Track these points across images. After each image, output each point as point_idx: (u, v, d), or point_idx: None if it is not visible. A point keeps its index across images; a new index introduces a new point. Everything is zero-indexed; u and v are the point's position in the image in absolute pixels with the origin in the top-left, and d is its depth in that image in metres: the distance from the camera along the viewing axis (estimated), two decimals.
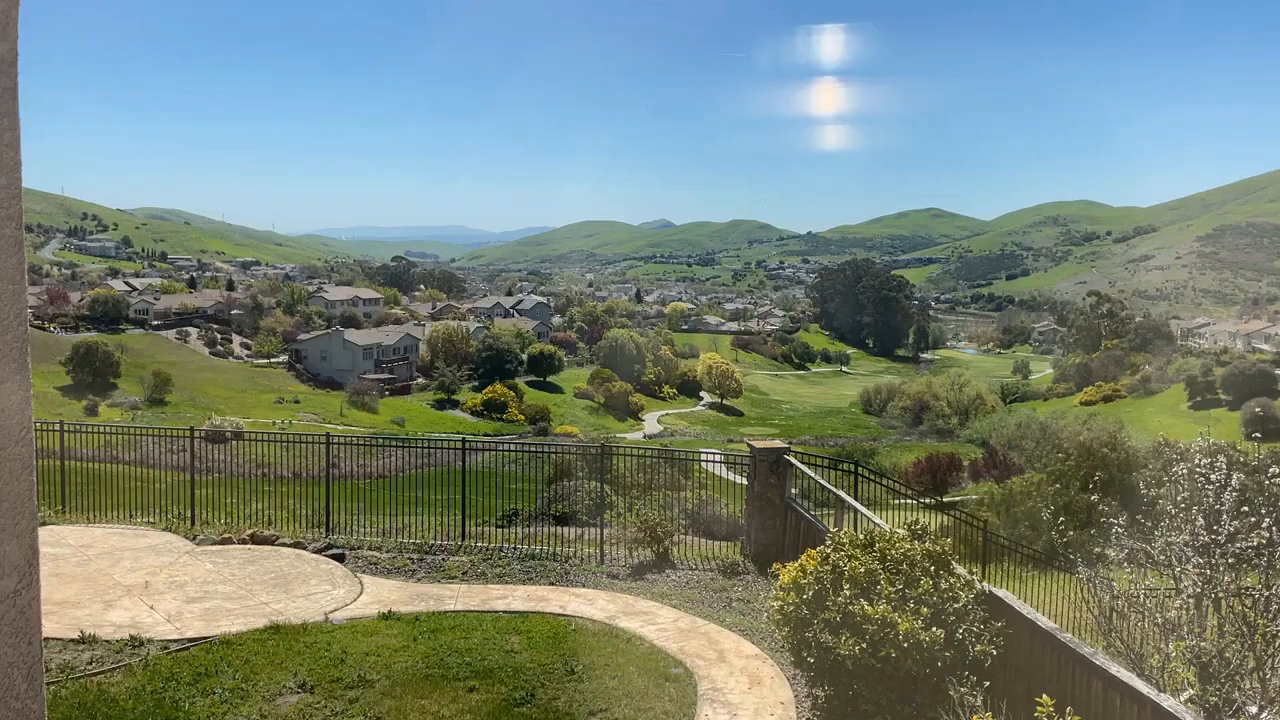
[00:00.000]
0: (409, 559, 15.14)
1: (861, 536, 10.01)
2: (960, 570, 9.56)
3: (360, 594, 13.35)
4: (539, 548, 16.02)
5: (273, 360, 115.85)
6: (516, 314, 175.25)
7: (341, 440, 18.10)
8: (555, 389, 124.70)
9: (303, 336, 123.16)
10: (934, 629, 8.56)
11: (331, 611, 12.47)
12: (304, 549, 15.19)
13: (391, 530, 16.54)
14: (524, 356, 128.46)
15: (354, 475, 19.17)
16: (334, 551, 15.09)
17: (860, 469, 17.39)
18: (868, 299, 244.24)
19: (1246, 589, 8.95)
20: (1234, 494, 9.13)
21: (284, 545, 15.35)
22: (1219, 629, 8.87)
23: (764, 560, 14.53)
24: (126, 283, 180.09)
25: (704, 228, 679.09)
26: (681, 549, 16.14)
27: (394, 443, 20.55)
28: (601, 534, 15.94)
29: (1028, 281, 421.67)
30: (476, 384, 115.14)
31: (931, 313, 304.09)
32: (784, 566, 10.18)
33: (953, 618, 8.76)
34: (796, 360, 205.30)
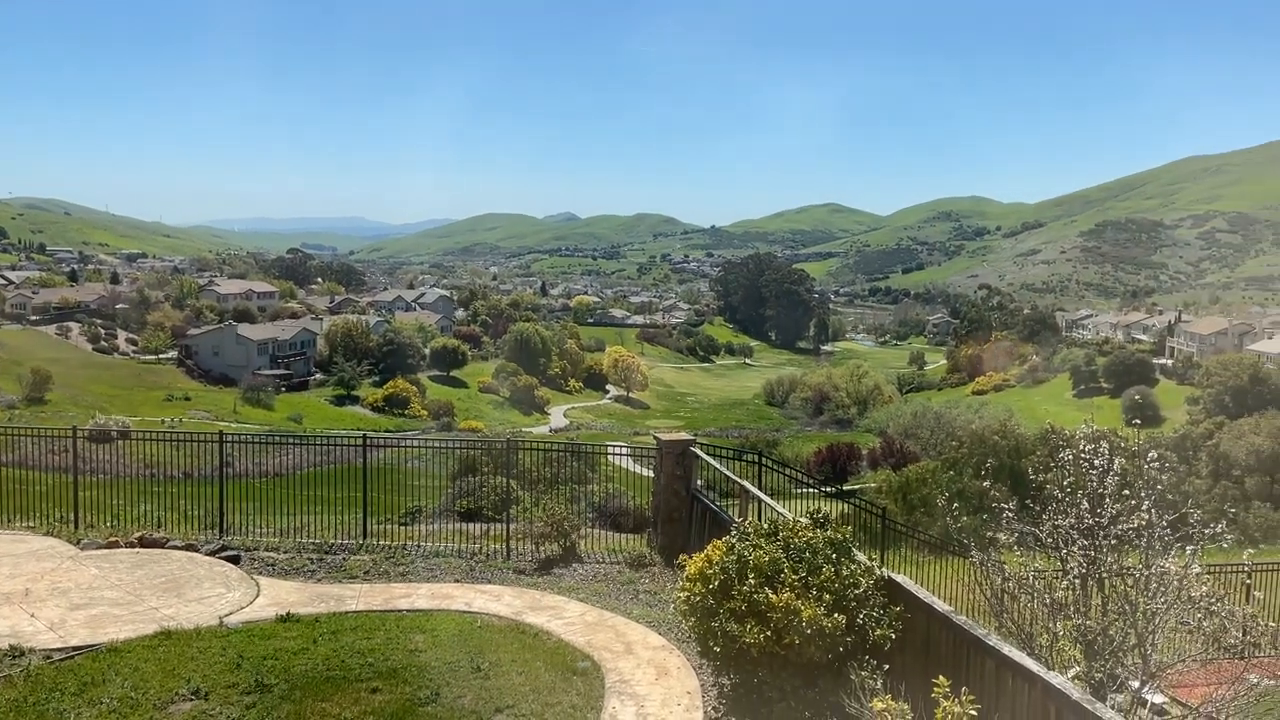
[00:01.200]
0: (308, 559, 14.75)
1: (766, 526, 10.15)
2: (861, 557, 9.77)
3: (257, 596, 12.95)
4: (444, 545, 15.80)
5: (161, 357, 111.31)
6: (419, 307, 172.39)
7: (236, 438, 17.51)
8: (459, 384, 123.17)
9: (193, 331, 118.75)
10: (836, 615, 8.73)
11: (226, 615, 12.07)
12: (197, 551, 14.66)
13: (290, 530, 16.08)
14: (427, 351, 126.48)
15: (249, 474, 18.57)
16: (229, 553, 14.61)
17: (764, 459, 17.63)
18: (770, 292, 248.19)
19: (1128, 569, 9.37)
20: (1116, 478, 9.55)
21: (175, 548, 14.79)
22: (1103, 608, 9.28)
23: (671, 552, 14.62)
24: (1, 275, 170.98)
25: (609, 221, 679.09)
26: (589, 542, 16.12)
27: (291, 440, 20.01)
28: (508, 529, 15.81)
29: (922, 275, 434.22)
30: (377, 379, 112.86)
31: (831, 306, 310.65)
32: (690, 557, 10.26)
33: (854, 603, 8.95)
34: (701, 353, 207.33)
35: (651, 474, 16.75)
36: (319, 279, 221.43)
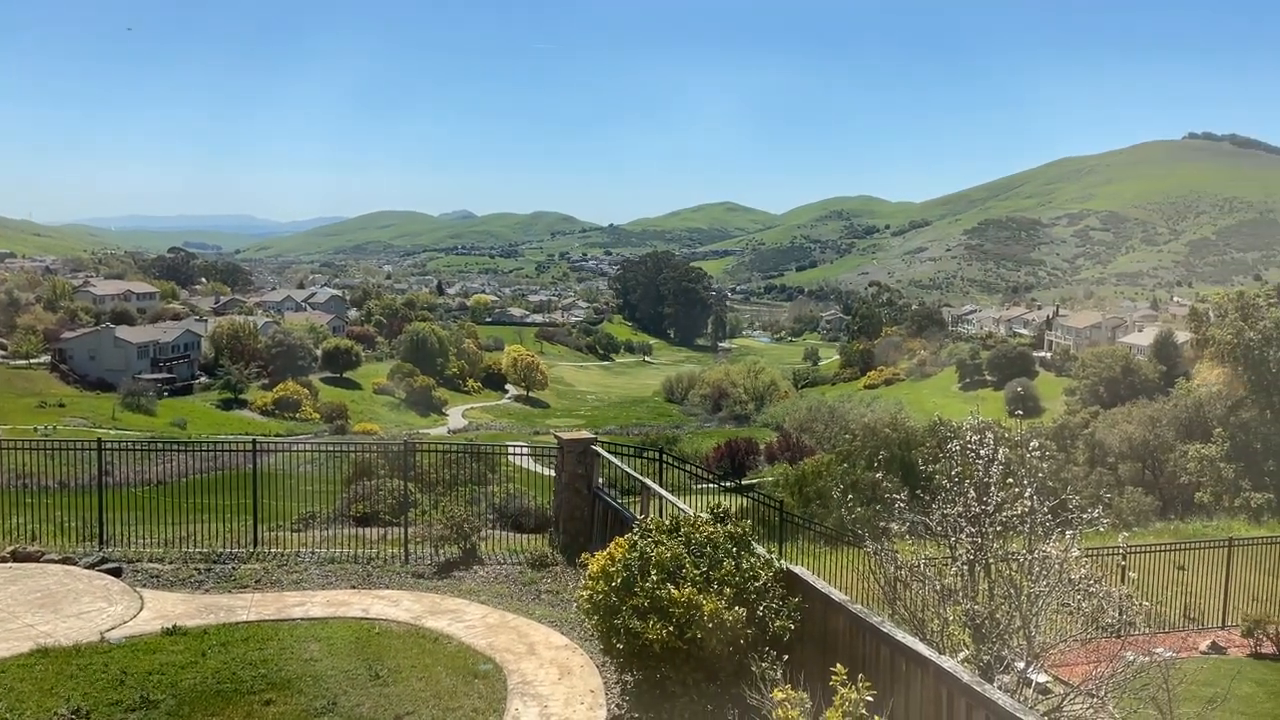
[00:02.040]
0: (195, 569, 14.21)
1: (668, 522, 10.21)
2: (760, 550, 9.91)
3: (141, 610, 12.41)
4: (339, 550, 15.42)
5: (33, 361, 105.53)
6: (309, 308, 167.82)
7: (115, 445, 16.74)
8: (353, 385, 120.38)
9: (67, 334, 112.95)
10: (737, 608, 8.84)
11: (108, 630, 11.53)
12: (74, 564, 13.96)
13: (175, 540, 15.46)
14: (318, 352, 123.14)
15: (130, 483, 17.77)
16: (109, 566, 13.96)
17: (664, 456, 17.75)
18: (668, 290, 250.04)
19: (1013, 554, 9.76)
20: (1000, 467, 9.93)
21: (51, 561, 14.05)
22: (990, 592, 9.64)
23: (573, 550, 14.59)
24: None
25: (507, 219, 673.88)
26: (489, 544, 15.96)
27: (175, 446, 19.21)
28: (406, 533, 15.53)
29: (816, 272, 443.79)
30: (266, 382, 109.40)
31: (728, 303, 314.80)
32: (593, 556, 10.25)
33: (754, 596, 9.08)
34: (601, 351, 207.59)
35: (553, 473, 16.68)
36: (203, 279, 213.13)
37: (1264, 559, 18.63)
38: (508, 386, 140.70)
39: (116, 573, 13.78)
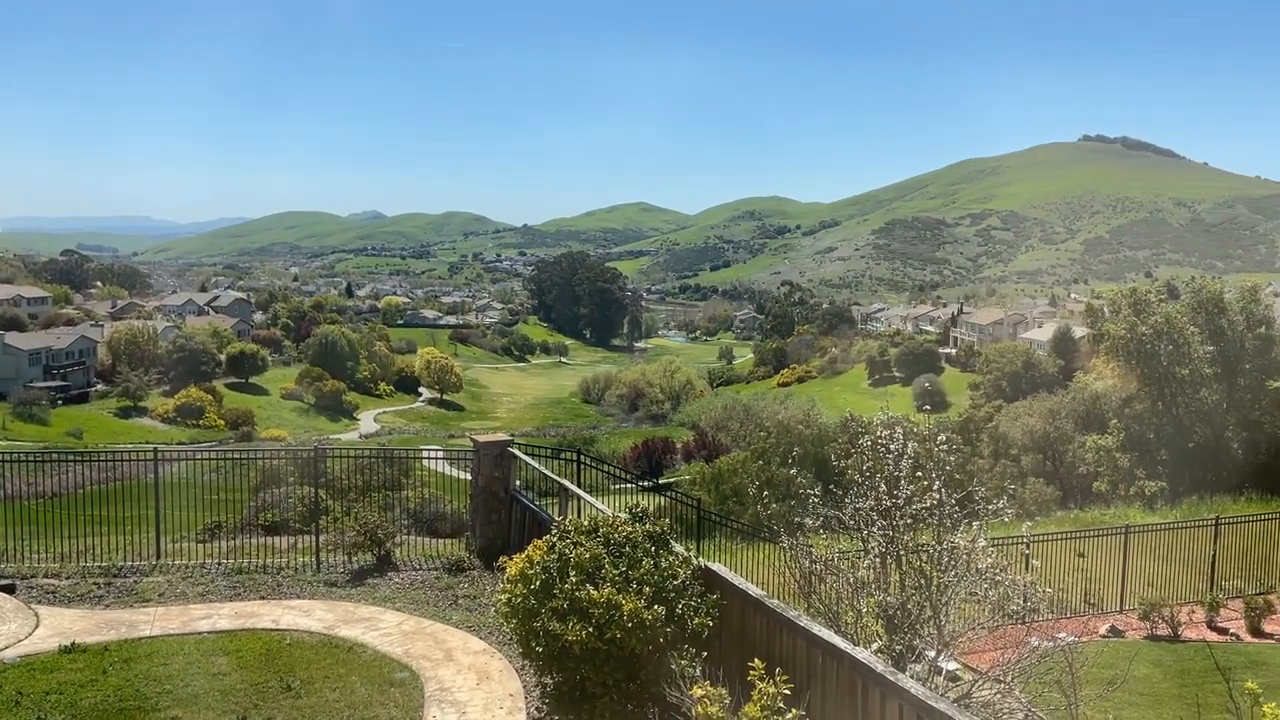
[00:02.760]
0: (94, 584, 13.64)
1: (586, 523, 10.19)
2: (678, 548, 9.97)
3: (36, 627, 11.86)
4: (247, 561, 14.99)
5: None
6: (212, 311, 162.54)
7: (6, 457, 15.97)
8: (260, 391, 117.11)
9: None
10: (656, 607, 8.87)
11: (2, 650, 11.00)
12: None
13: (72, 554, 14.82)
14: (222, 357, 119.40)
15: (23, 496, 16.98)
16: (2, 583, 13.31)
17: (582, 457, 17.71)
18: (584, 290, 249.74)
19: (923, 546, 10.01)
20: (909, 461, 10.18)
21: None
22: (901, 584, 9.86)
23: (491, 554, 14.45)
24: None
25: (418, 219, 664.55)
26: (404, 550, 15.71)
27: (70, 457, 18.41)
28: (317, 541, 15.17)
29: (729, 272, 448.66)
30: (168, 389, 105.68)
31: (644, 303, 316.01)
32: (511, 559, 10.17)
33: (673, 594, 9.13)
34: (516, 352, 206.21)
35: (469, 477, 16.49)
36: (98, 282, 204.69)
37: (1158, 545, 19.48)
38: (421, 390, 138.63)
39: (9, 590, 13.15)
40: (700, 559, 9.93)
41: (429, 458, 20.35)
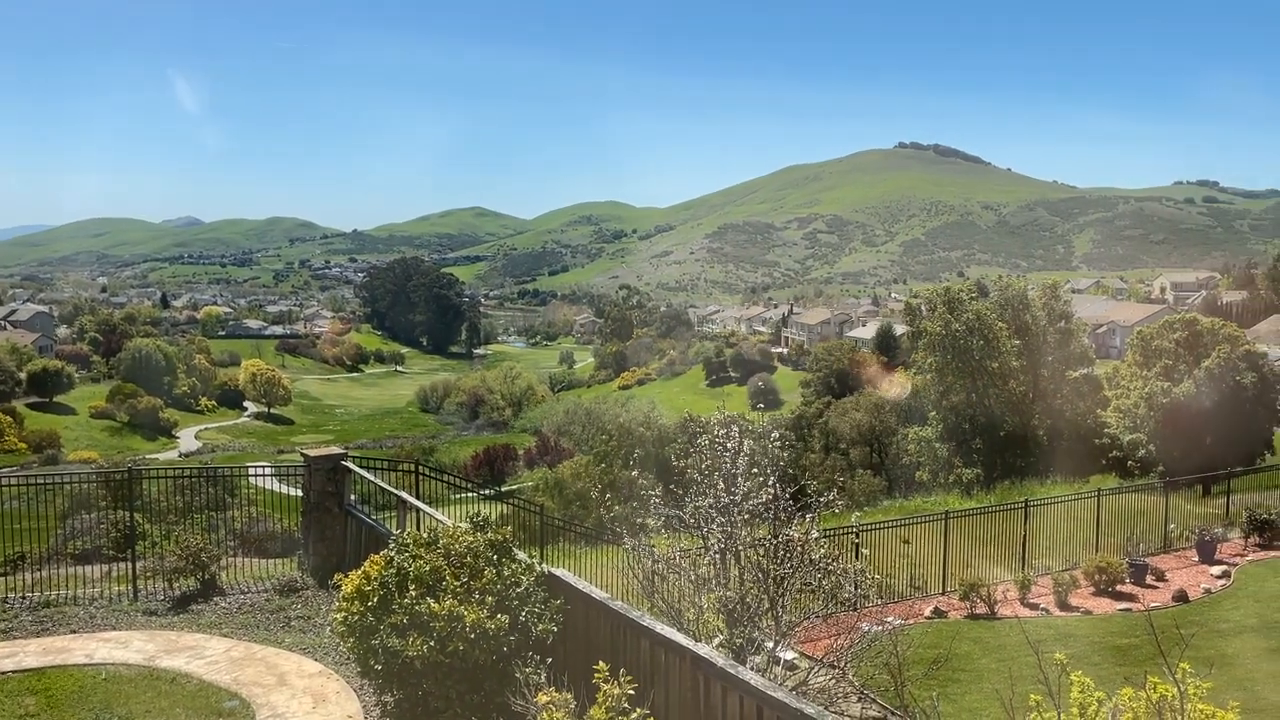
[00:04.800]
0: None
1: (425, 535, 9.97)
2: (521, 555, 9.89)
3: None
4: (56, 593, 13.89)
5: None
6: (10, 326, 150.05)
7: None
8: (66, 410, 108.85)
9: None
10: (499, 616, 8.76)
11: None
12: None
13: None
14: (22, 375, 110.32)
15: None
16: None
17: (421, 468, 17.34)
18: (419, 297, 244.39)
19: (760, 540, 10.29)
20: (746, 459, 10.45)
21: None
22: (740, 578, 10.11)
23: (325, 573, 13.92)
24: None
25: (238, 225, 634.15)
26: (231, 573, 14.94)
27: None
28: (133, 568, 14.23)
29: (568, 277, 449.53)
30: None
31: (482, 309, 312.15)
32: (347, 576, 9.83)
33: (516, 602, 9.03)
34: (349, 362, 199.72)
35: (300, 493, 15.84)
36: None
37: (975, 528, 20.72)
38: (247, 404, 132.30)
39: None
40: (544, 565, 9.87)
41: (256, 475, 19.43)
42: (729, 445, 10.45)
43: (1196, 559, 21.41)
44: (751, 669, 8.34)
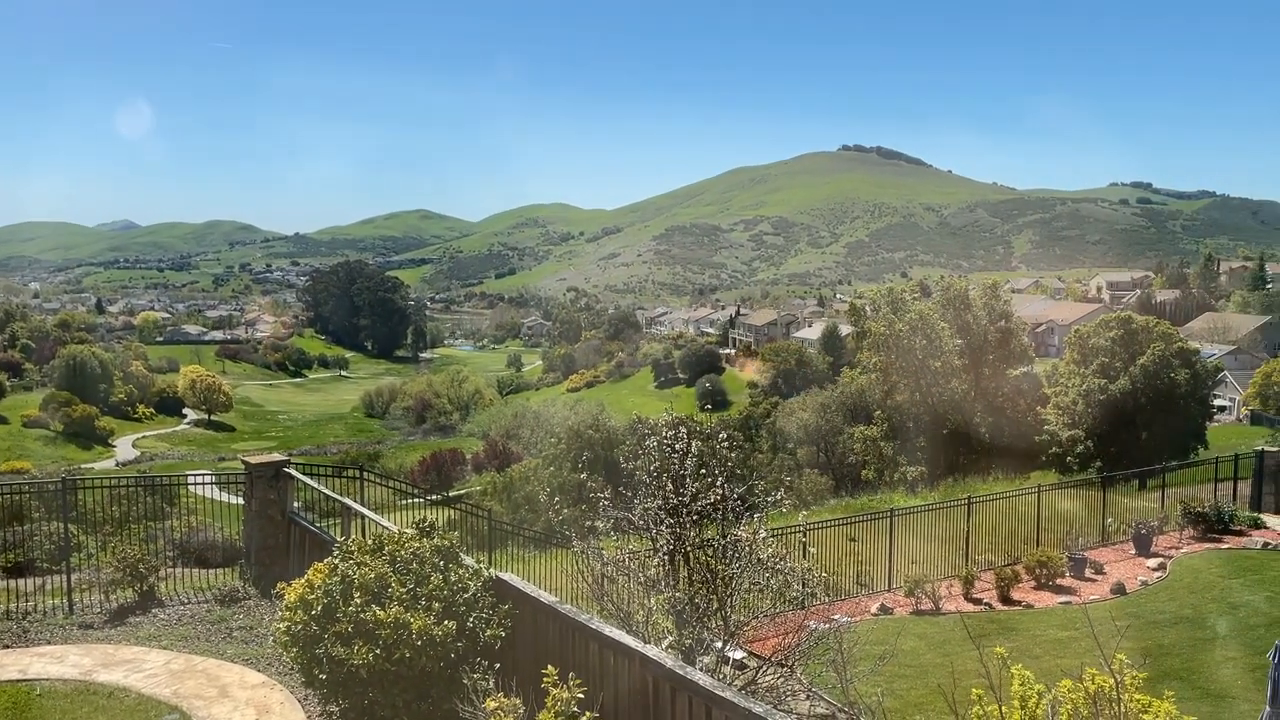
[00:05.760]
0: None
1: (371, 542, 9.84)
2: (468, 561, 9.81)
3: None
4: None
5: None
6: None
7: None
8: None
9: None
10: (446, 622, 8.68)
11: None
12: None
13: None
14: None
15: None
16: None
17: (366, 473, 17.12)
18: (364, 301, 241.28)
19: (708, 541, 10.32)
20: (694, 460, 10.48)
21: None
22: (689, 579, 10.13)
23: (268, 582, 13.68)
24: None
25: (176, 229, 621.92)
26: (171, 584, 14.61)
27: None
28: (69, 580, 13.84)
29: (515, 279, 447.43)
30: None
31: (428, 312, 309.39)
32: (290, 585, 9.67)
33: (463, 608, 8.95)
34: (292, 367, 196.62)
35: (242, 501, 15.55)
36: None
37: (920, 525, 21.02)
38: (186, 411, 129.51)
39: None
40: (492, 570, 9.80)
41: (196, 483, 19.04)
42: (677, 447, 10.46)
43: (1134, 552, 21.93)
44: (701, 669, 8.37)
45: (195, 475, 18.39)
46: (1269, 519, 24.97)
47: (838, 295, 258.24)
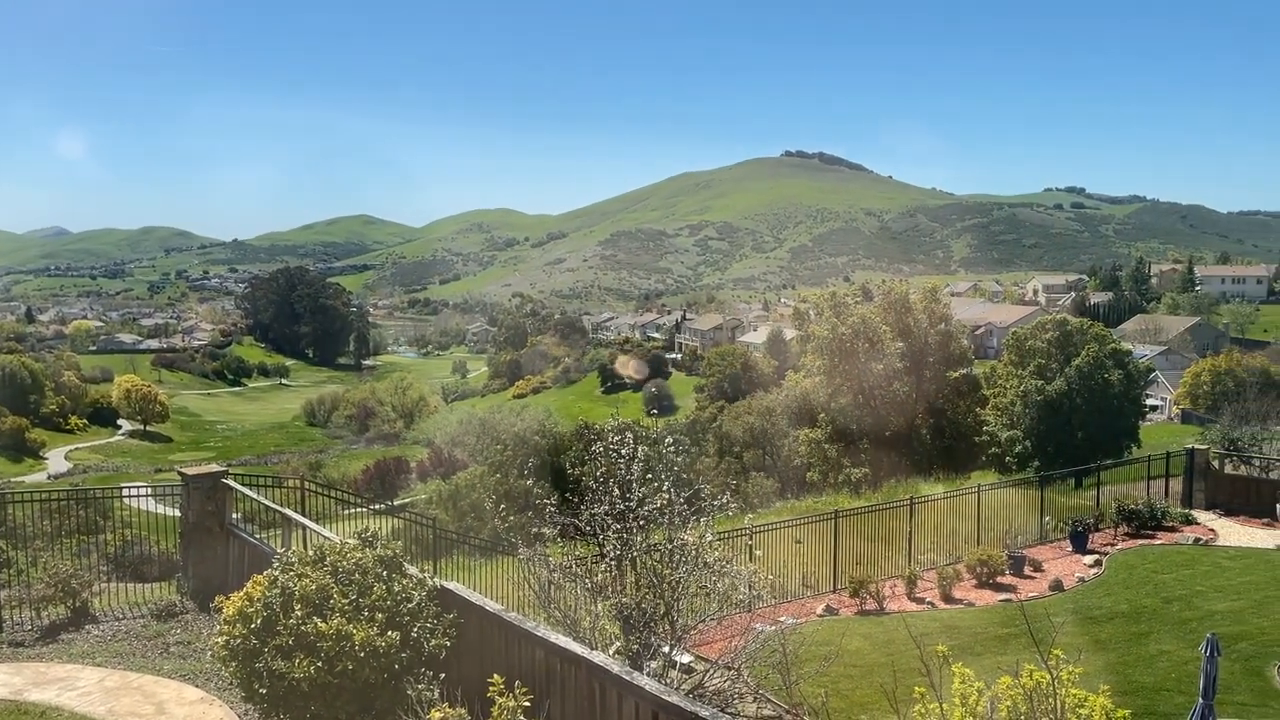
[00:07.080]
0: None
1: (312, 553, 9.68)
2: (412, 570, 9.70)
3: None
4: None
5: None
6: None
7: None
8: None
9: None
10: (390, 633, 8.57)
11: None
12: None
13: None
14: None
15: None
16: None
17: (307, 484, 16.85)
18: (304, 308, 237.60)
19: (655, 545, 10.33)
20: (640, 464, 10.49)
21: None
22: (636, 584, 10.13)
23: (206, 595, 13.38)
24: None
25: (110, 235, 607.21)
26: (105, 599, 14.23)
27: None
28: None
29: (459, 285, 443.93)
30: None
31: (371, 319, 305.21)
32: (229, 598, 9.47)
33: (407, 618, 8.85)
34: (231, 376, 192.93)
35: (179, 513, 15.20)
36: None
37: (864, 526, 21.26)
38: (121, 422, 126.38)
39: None
40: (436, 579, 9.70)
41: (131, 496, 18.56)
42: (624, 451, 10.46)
43: (1071, 549, 22.44)
44: (648, 674, 8.37)
45: (130, 487, 17.92)
46: (1200, 515, 25.74)
47: (782, 299, 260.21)
